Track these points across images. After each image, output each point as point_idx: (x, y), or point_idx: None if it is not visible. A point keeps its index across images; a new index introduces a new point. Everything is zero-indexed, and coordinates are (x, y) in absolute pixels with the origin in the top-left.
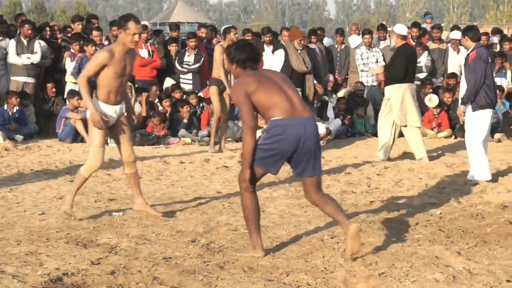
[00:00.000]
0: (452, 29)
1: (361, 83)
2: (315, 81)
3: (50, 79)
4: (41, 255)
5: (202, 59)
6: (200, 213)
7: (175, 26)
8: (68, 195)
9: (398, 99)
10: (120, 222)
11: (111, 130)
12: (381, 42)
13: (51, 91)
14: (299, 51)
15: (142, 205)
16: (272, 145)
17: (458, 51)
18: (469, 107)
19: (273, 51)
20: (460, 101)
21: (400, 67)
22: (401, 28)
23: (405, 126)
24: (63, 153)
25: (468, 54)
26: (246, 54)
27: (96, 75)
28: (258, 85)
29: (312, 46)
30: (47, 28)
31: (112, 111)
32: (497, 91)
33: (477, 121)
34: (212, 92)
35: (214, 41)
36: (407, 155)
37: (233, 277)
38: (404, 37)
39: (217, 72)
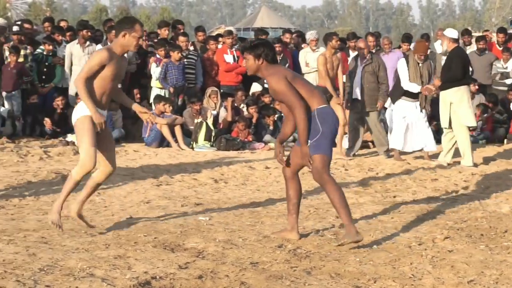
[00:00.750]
0: None
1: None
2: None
3: (136, 84)
4: (129, 259)
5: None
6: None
7: (262, 31)
8: (57, 201)
9: (460, 102)
10: (207, 227)
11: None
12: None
13: (137, 96)
14: (420, 64)
15: (75, 213)
16: (330, 131)
17: None
18: None
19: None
20: None
21: (457, 69)
22: (452, 32)
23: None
24: (149, 157)
25: None
26: (274, 50)
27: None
28: (293, 75)
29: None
30: None
31: (103, 115)
32: None
33: None
34: None
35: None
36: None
37: (320, 283)
38: (456, 40)
39: (322, 81)
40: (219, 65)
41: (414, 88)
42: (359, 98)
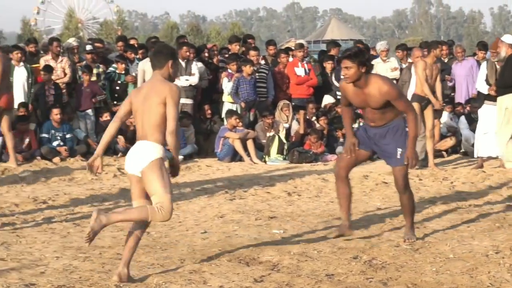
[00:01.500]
0: None
1: None
2: None
3: (207, 100)
4: (204, 273)
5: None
6: (361, 229)
7: (334, 44)
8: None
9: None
10: (281, 240)
11: None
12: None
13: (207, 112)
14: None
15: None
16: None
17: None
18: None
19: None
20: None
21: (509, 75)
22: (510, 38)
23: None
24: (222, 172)
25: None
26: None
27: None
28: None
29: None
30: (205, 50)
31: None
32: None
33: None
34: None
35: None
36: None
37: None
38: None
39: (420, 88)
40: (290, 78)
41: (483, 88)
42: None
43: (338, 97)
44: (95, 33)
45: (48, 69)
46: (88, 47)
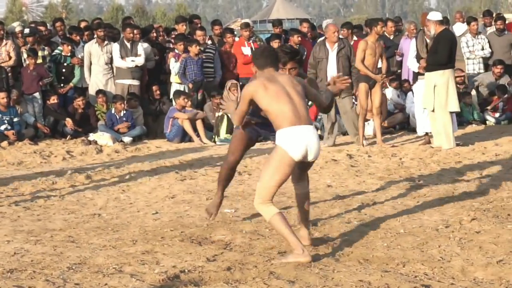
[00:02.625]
0: None
1: (461, 70)
2: None
3: (155, 81)
4: (157, 254)
5: (305, 53)
6: (312, 207)
7: (278, 22)
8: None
9: (444, 85)
10: (233, 219)
11: None
12: (487, 28)
13: (156, 93)
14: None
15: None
16: None
17: None
18: None
19: None
20: None
21: (443, 52)
22: (436, 15)
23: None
24: (172, 153)
25: None
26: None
27: None
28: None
29: None
30: (153, 30)
31: None
32: None
33: None
34: (360, 89)
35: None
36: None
37: (349, 269)
38: (441, 22)
39: (360, 67)
40: (237, 58)
41: (414, 65)
42: None
43: None
44: (40, 16)
45: None
46: (26, 31)
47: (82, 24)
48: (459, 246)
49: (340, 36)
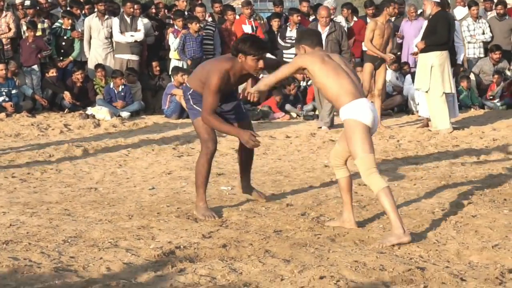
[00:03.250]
0: None
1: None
2: None
3: (154, 57)
4: (153, 229)
5: None
6: (308, 186)
7: (279, 1)
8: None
9: (441, 66)
10: (229, 196)
11: None
12: (488, 13)
13: (156, 69)
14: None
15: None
16: None
17: None
18: None
19: None
20: None
21: (443, 32)
22: None
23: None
24: (169, 128)
25: None
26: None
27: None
28: None
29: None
30: (152, 6)
31: None
32: None
33: None
34: (365, 69)
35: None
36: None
37: (344, 249)
38: (439, 4)
39: (369, 45)
40: (237, 36)
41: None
42: None
43: (284, 55)
44: None
45: None
46: (27, 3)
47: None
48: (455, 230)
49: (337, 19)
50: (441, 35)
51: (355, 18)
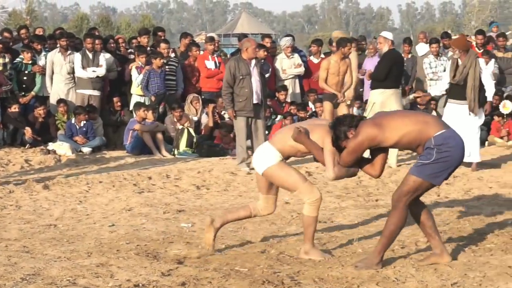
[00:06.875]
0: None
1: (421, 91)
2: None
3: (116, 92)
4: (112, 267)
5: (270, 69)
6: (269, 223)
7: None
8: (306, 244)
9: (380, 104)
10: (189, 234)
11: None
12: (446, 50)
13: (117, 104)
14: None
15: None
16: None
17: None
18: None
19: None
20: None
21: (381, 70)
22: (388, 34)
23: None
24: (131, 165)
25: None
26: None
27: None
28: None
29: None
30: (111, 41)
31: None
32: None
33: None
34: (325, 108)
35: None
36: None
37: (303, 287)
38: (393, 43)
39: (323, 85)
40: (200, 71)
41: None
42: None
43: None
44: (4, 23)
45: None
46: None
47: (37, 31)
48: (414, 268)
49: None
50: (379, 72)
51: (322, 55)
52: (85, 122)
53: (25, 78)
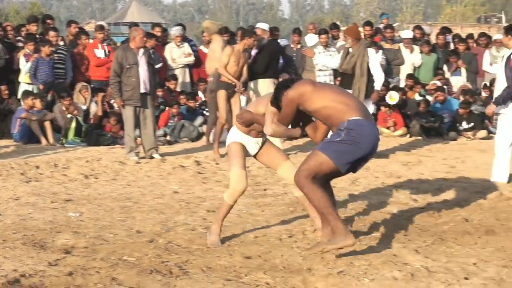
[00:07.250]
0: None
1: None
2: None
3: (3, 80)
4: None
5: (160, 58)
6: (157, 213)
7: (134, 25)
8: (214, 225)
9: (259, 95)
10: (77, 223)
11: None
12: (335, 41)
13: (5, 93)
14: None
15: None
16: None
17: (412, 50)
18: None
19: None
20: (494, 100)
21: (262, 62)
22: (265, 25)
23: None
24: (18, 153)
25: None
26: None
27: None
28: None
29: None
30: (0, 28)
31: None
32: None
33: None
34: (219, 96)
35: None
36: None
37: (192, 277)
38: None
39: (223, 71)
40: (89, 60)
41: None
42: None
43: None
44: None
45: None
46: None
47: None
48: (301, 257)
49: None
50: (260, 65)
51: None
52: None
53: None
